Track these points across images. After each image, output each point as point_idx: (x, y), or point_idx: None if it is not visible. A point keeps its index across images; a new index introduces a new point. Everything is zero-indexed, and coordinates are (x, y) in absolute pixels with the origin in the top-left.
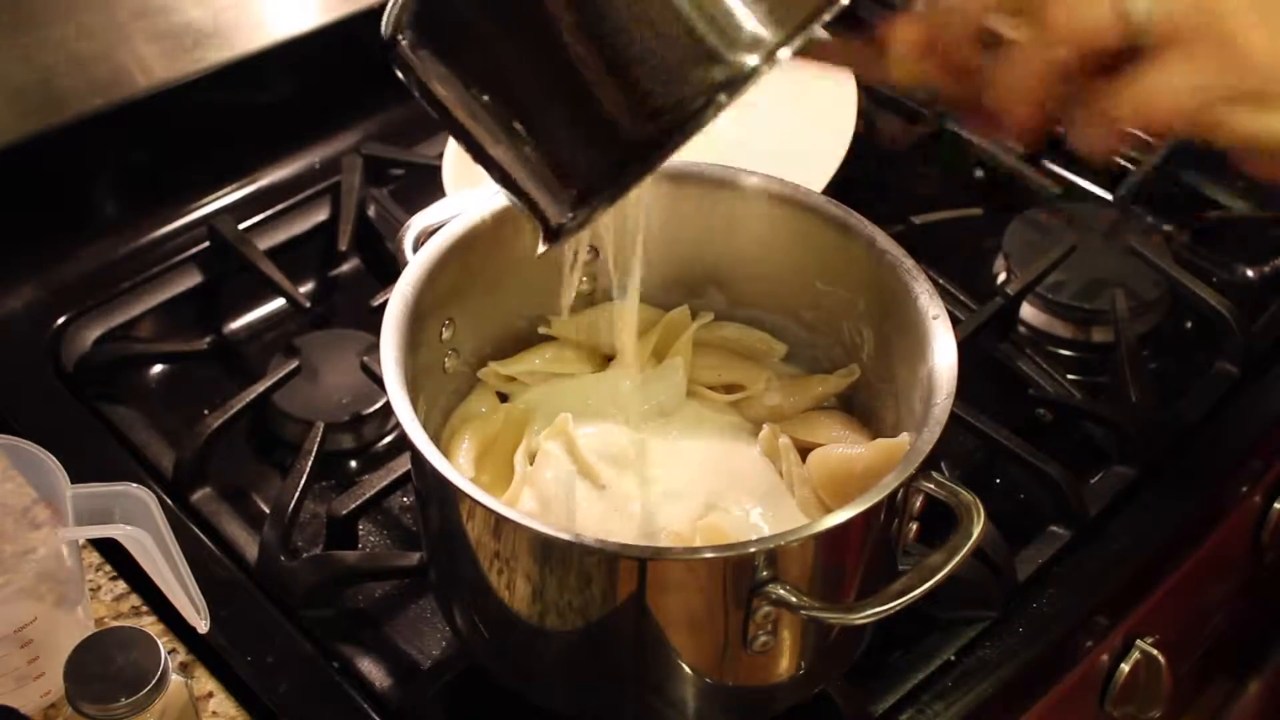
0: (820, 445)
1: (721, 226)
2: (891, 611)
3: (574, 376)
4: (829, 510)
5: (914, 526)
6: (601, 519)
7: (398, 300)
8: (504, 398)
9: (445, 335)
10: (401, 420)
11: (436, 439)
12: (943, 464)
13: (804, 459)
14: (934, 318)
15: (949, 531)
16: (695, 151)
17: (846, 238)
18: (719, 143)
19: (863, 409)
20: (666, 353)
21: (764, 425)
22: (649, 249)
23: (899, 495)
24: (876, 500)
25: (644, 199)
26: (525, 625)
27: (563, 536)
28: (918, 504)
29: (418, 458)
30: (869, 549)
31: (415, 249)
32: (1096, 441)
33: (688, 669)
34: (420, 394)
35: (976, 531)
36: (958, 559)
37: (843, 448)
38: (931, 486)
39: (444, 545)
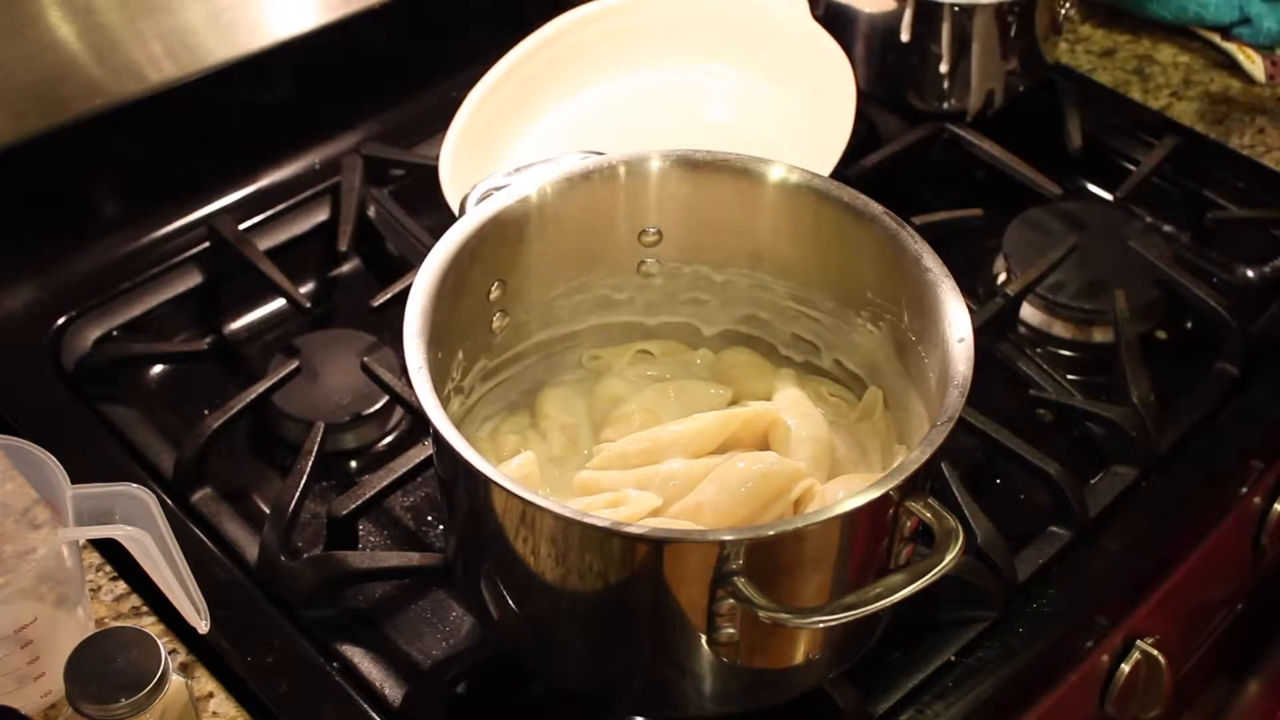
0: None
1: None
2: (835, 623)
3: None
4: None
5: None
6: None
7: (441, 248)
8: None
9: (494, 295)
10: (419, 392)
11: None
12: (943, 465)
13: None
14: (959, 340)
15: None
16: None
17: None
18: (717, 139)
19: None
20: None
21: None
22: (699, 228)
23: (885, 509)
24: (845, 511)
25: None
26: (552, 600)
27: (565, 514)
28: (909, 523)
29: (437, 436)
30: (845, 555)
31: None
32: (1096, 441)
33: (694, 647)
34: (459, 345)
35: (948, 559)
36: (919, 583)
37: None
38: (918, 507)
39: (472, 525)
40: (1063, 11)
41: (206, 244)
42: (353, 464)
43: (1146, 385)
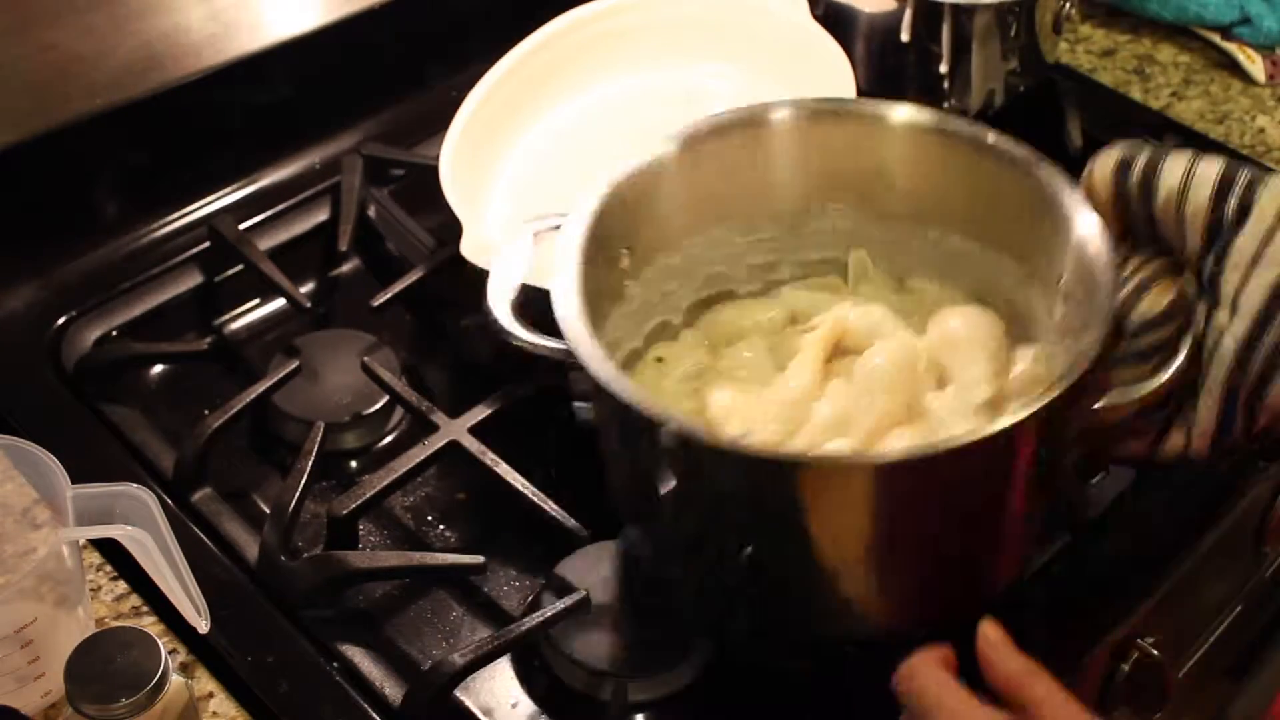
0: None
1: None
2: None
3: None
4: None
5: None
6: None
7: (581, 224)
8: None
9: (624, 264)
10: (585, 359)
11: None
12: None
13: None
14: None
15: None
16: None
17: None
18: None
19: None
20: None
21: None
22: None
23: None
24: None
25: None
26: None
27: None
28: None
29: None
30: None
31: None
32: None
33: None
34: (605, 319)
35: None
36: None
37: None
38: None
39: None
40: (1063, 11)
41: (206, 244)
42: (353, 464)
43: None
